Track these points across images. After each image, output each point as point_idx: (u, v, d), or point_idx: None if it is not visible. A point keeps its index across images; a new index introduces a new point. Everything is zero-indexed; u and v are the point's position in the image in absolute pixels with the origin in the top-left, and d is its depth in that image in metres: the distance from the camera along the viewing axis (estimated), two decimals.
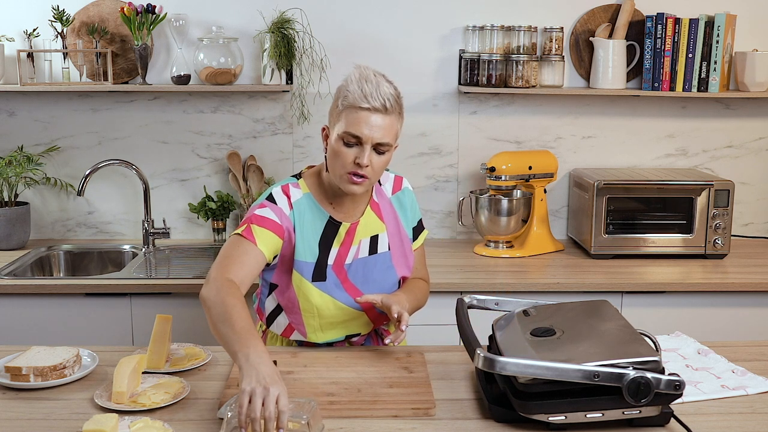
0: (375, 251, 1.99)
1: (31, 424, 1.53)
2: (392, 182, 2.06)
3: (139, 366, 1.68)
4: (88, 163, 3.09)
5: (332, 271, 1.94)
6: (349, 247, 1.96)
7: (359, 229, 1.97)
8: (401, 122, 1.89)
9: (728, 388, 1.70)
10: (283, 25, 2.98)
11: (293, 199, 1.93)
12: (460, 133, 3.22)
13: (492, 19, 3.10)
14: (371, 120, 1.80)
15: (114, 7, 3.07)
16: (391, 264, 2.00)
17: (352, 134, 1.81)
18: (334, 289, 1.94)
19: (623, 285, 2.71)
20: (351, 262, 1.96)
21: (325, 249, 1.94)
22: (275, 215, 1.88)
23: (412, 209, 2.08)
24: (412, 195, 2.10)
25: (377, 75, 1.83)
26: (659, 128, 3.26)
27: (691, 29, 3.02)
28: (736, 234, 3.28)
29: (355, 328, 2.00)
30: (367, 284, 1.97)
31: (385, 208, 2.02)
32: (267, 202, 1.91)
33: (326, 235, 1.94)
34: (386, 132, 1.82)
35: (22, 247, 3.07)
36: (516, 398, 1.49)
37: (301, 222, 1.91)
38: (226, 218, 3.17)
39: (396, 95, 1.84)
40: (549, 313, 1.72)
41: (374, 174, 1.87)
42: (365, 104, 1.79)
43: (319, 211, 1.94)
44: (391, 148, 1.87)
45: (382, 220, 2.01)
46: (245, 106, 3.17)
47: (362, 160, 1.81)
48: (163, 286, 2.68)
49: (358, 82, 1.81)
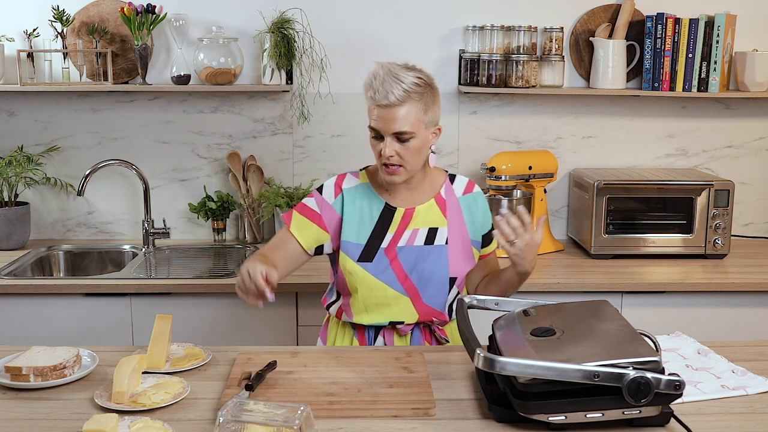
0: (431, 242, 2.03)
1: (31, 424, 1.53)
2: (464, 185, 2.11)
3: (139, 366, 1.68)
4: (88, 163, 3.09)
5: (383, 254, 2.01)
6: (403, 232, 2.02)
7: (416, 216, 2.03)
8: (424, 105, 1.92)
9: (728, 388, 1.70)
10: (283, 25, 2.98)
11: (345, 186, 2.06)
12: (460, 133, 3.22)
13: (492, 19, 3.10)
14: (382, 114, 1.90)
15: (114, 7, 3.07)
16: (446, 259, 2.02)
17: (373, 128, 1.94)
18: (379, 270, 2.00)
19: (623, 285, 2.72)
20: (404, 246, 2.02)
21: (380, 233, 2.02)
22: (316, 206, 2.05)
23: (485, 215, 2.11)
24: (484, 201, 2.13)
25: (391, 69, 1.91)
26: (659, 128, 3.26)
27: (691, 29, 3.02)
28: (736, 234, 3.28)
29: (399, 314, 2.03)
30: (416, 272, 2.01)
31: (452, 205, 2.07)
32: (315, 193, 2.08)
33: (382, 220, 2.03)
34: (401, 122, 1.89)
35: (22, 247, 3.07)
36: (516, 398, 1.49)
37: (351, 206, 2.03)
38: (226, 218, 3.17)
39: (411, 83, 1.89)
40: (549, 313, 1.71)
41: (407, 162, 1.94)
42: (374, 102, 1.91)
43: (376, 198, 2.05)
44: (417, 135, 1.92)
45: (445, 215, 2.05)
46: (245, 106, 3.17)
47: (384, 152, 1.92)
48: (163, 286, 2.68)
49: (370, 81, 1.93)
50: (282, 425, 1.39)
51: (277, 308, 2.66)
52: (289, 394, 1.64)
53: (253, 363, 1.79)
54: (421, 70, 1.97)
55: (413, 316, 2.03)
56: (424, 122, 1.93)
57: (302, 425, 1.39)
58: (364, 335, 2.08)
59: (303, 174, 3.21)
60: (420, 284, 2.01)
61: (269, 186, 3.16)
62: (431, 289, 2.02)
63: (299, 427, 1.38)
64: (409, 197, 2.05)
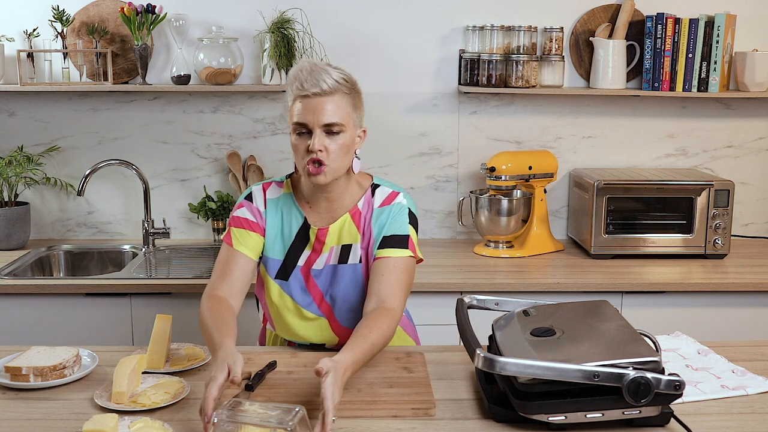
0: (345, 261, 1.93)
1: (31, 424, 1.53)
2: (385, 196, 1.96)
3: (139, 366, 1.68)
4: (88, 163, 3.09)
5: (299, 272, 1.94)
6: (320, 253, 1.93)
7: (330, 235, 1.93)
8: (354, 102, 1.86)
9: (728, 388, 1.70)
10: (283, 25, 2.98)
11: (269, 197, 1.97)
12: (460, 133, 3.22)
13: (492, 19, 3.10)
14: (311, 105, 1.80)
15: (114, 7, 3.07)
16: (361, 278, 1.93)
17: (298, 123, 1.83)
18: (296, 290, 1.94)
19: (623, 285, 2.71)
20: (322, 268, 1.93)
21: (297, 250, 1.94)
22: (250, 213, 1.95)
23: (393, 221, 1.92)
24: (401, 209, 1.94)
25: (317, 63, 1.85)
26: (659, 128, 3.26)
27: (691, 29, 3.02)
28: (736, 234, 3.28)
29: (317, 336, 1.96)
30: (330, 294, 1.94)
31: (367, 218, 1.94)
32: (245, 201, 1.98)
33: (300, 236, 1.94)
34: (332, 113, 1.80)
35: (22, 247, 3.07)
36: (516, 398, 1.49)
37: (274, 219, 1.95)
38: (226, 218, 3.17)
39: (339, 77, 1.82)
40: (549, 313, 1.71)
41: (333, 159, 1.83)
42: (303, 92, 1.81)
43: (297, 211, 1.95)
44: (346, 129, 1.83)
45: (359, 229, 1.93)
46: (245, 106, 3.17)
47: (313, 145, 1.80)
48: (163, 286, 2.68)
49: (295, 75, 1.83)
50: (276, 426, 1.39)
51: None
52: (289, 394, 1.64)
53: (253, 363, 1.79)
54: (345, 69, 1.88)
55: (332, 339, 1.96)
56: (353, 118, 1.85)
57: (296, 426, 1.39)
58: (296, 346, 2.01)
59: None
60: (335, 305, 1.93)
61: None
62: (347, 311, 1.93)
63: (293, 429, 1.38)
64: (328, 211, 1.94)
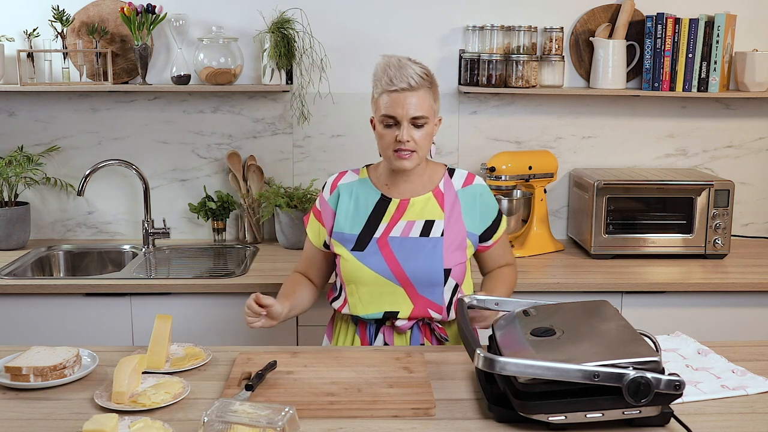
0: (427, 234, 2.05)
1: (31, 424, 1.53)
2: (464, 177, 2.14)
3: (139, 366, 1.68)
4: (88, 163, 3.09)
5: (375, 243, 2.06)
6: (397, 222, 2.07)
7: (411, 207, 2.08)
8: (434, 95, 2.03)
9: (728, 388, 1.70)
10: (283, 25, 2.98)
11: (341, 182, 2.15)
12: (460, 133, 3.22)
13: (492, 19, 3.10)
14: (400, 99, 1.97)
15: (114, 7, 3.07)
16: (440, 251, 2.04)
17: (388, 115, 1.99)
18: (371, 259, 2.04)
19: (623, 285, 2.71)
20: (397, 236, 2.05)
21: (373, 223, 2.07)
22: (319, 204, 2.16)
23: (485, 209, 2.13)
24: (487, 194, 2.15)
25: (401, 59, 2.01)
26: (659, 128, 3.26)
27: (691, 29, 3.02)
28: (736, 234, 3.28)
29: (394, 304, 2.04)
30: (409, 263, 2.03)
31: (450, 199, 2.10)
32: (320, 193, 2.18)
33: (376, 211, 2.09)
34: (418, 106, 1.97)
35: (22, 247, 3.07)
36: (516, 398, 1.49)
37: (346, 200, 2.11)
38: (226, 218, 3.17)
39: (422, 72, 2.00)
40: (549, 313, 1.71)
41: (420, 147, 2.00)
42: (392, 87, 1.97)
43: (373, 190, 2.11)
44: (429, 121, 2.01)
45: (443, 208, 2.08)
46: (245, 106, 3.17)
47: (402, 137, 1.97)
48: (163, 286, 2.68)
49: (384, 69, 1.99)
50: (266, 426, 1.39)
51: None
52: (289, 394, 1.64)
53: (253, 363, 1.79)
54: (423, 63, 2.06)
55: (408, 307, 2.04)
56: (434, 110, 2.03)
57: (285, 426, 1.39)
58: (366, 332, 2.09)
59: (303, 174, 3.21)
60: (414, 275, 2.03)
61: (269, 186, 3.16)
62: (426, 280, 2.03)
63: (282, 428, 1.38)
64: (407, 190, 2.10)
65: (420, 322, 2.07)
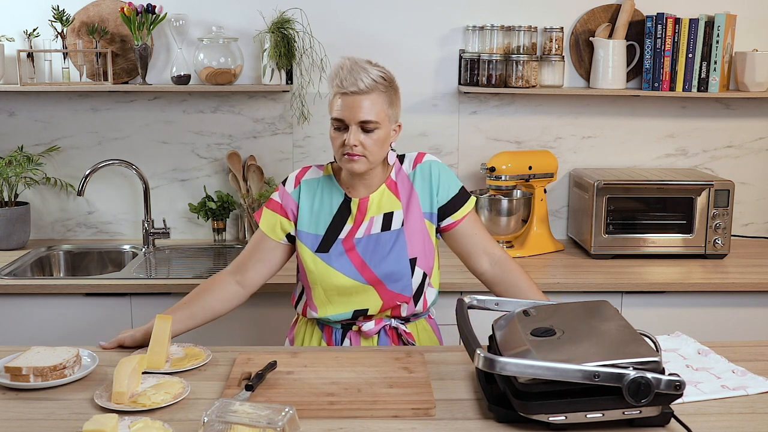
0: (388, 227, 2.03)
1: (31, 424, 1.53)
2: (413, 159, 2.10)
3: (139, 366, 1.68)
4: (88, 163, 3.09)
5: (340, 244, 2.03)
6: (361, 222, 2.04)
7: (371, 204, 2.04)
8: (390, 99, 1.97)
9: (728, 388, 1.70)
10: (283, 25, 2.98)
11: (305, 178, 2.10)
12: (460, 133, 3.22)
13: (492, 19, 3.10)
14: (348, 102, 1.93)
15: (114, 7, 3.07)
16: (404, 242, 2.02)
17: (336, 119, 1.96)
18: (337, 259, 2.01)
19: (623, 285, 2.71)
20: (362, 237, 2.03)
21: (338, 225, 2.04)
22: (279, 197, 2.09)
23: (439, 182, 2.06)
24: (439, 167, 2.08)
25: (357, 61, 1.96)
26: (659, 128, 3.26)
27: (691, 29, 3.02)
28: (736, 234, 3.28)
29: (363, 302, 2.02)
30: (376, 260, 2.01)
31: (403, 185, 2.07)
32: (280, 185, 2.12)
33: (341, 212, 2.05)
34: (367, 111, 1.92)
35: (22, 247, 3.07)
36: (516, 398, 1.49)
37: (309, 198, 2.07)
38: (226, 218, 3.17)
39: (377, 76, 1.94)
40: (549, 313, 1.71)
41: (370, 153, 1.95)
42: (342, 90, 1.94)
43: (337, 189, 2.07)
44: (382, 126, 1.95)
45: (398, 197, 2.06)
46: (245, 106, 3.17)
47: (349, 140, 1.93)
48: (163, 286, 2.68)
49: (336, 72, 1.96)
50: (266, 426, 1.39)
51: (277, 308, 2.66)
52: (289, 394, 1.64)
53: (253, 363, 1.79)
54: (384, 67, 2.01)
55: (377, 303, 2.02)
56: (388, 115, 1.97)
57: (285, 426, 1.39)
58: (332, 336, 2.08)
59: None
60: (381, 272, 2.00)
61: (269, 186, 3.16)
62: (393, 274, 2.01)
63: (282, 429, 1.38)
64: (365, 189, 2.06)
65: (387, 326, 2.06)
